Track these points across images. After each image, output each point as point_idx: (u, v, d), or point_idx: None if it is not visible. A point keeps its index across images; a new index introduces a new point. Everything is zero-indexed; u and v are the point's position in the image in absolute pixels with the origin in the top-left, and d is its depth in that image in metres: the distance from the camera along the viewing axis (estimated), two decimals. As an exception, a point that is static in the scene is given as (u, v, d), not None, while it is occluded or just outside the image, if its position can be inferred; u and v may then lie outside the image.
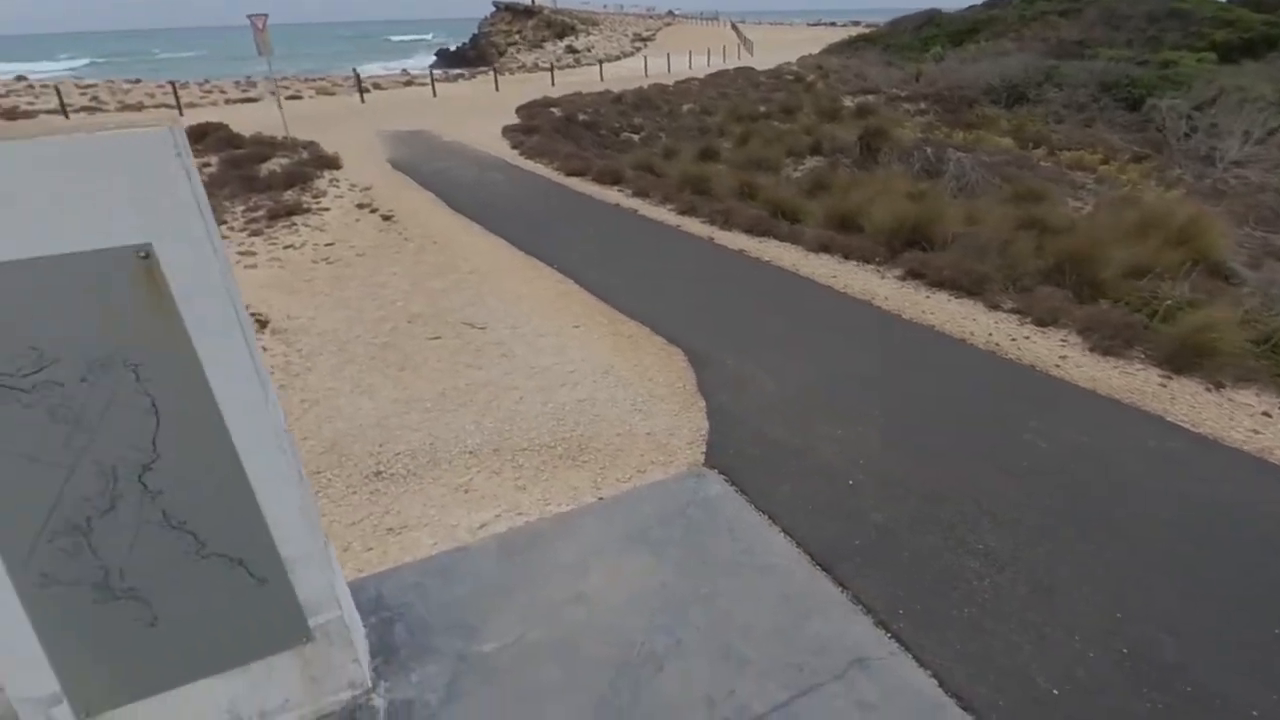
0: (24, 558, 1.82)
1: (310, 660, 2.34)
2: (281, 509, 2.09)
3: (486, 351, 5.58)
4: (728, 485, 3.65)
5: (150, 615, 2.02)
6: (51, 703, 2.02)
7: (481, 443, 4.29)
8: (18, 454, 1.73)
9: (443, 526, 3.55)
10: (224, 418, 1.91)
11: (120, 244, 1.65)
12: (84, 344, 1.70)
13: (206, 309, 1.78)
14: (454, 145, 15.54)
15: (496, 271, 7.45)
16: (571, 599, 2.92)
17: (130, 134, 1.59)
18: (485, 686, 2.54)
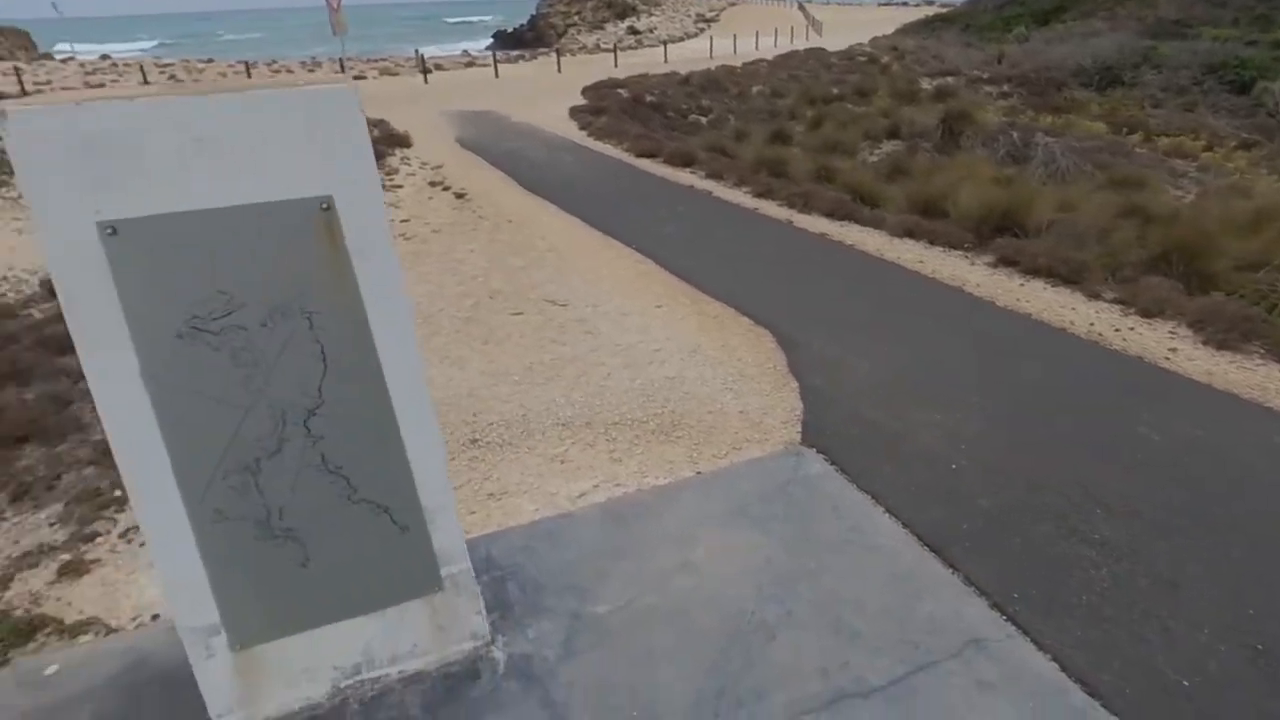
0: (201, 493, 1.99)
1: (439, 609, 2.48)
2: (426, 460, 2.21)
3: (569, 328, 5.70)
4: (828, 465, 3.67)
5: (303, 555, 2.18)
6: (211, 633, 2.19)
7: (573, 415, 4.40)
8: (204, 394, 1.88)
9: (542, 494, 3.67)
10: (382, 369, 2.03)
11: (305, 195, 1.78)
12: (267, 290, 1.84)
13: (374, 262, 1.90)
14: (521, 125, 15.76)
15: (574, 250, 7.58)
16: (679, 568, 3.00)
17: (317, 90, 1.71)
18: (600, 646, 2.64)
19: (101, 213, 1.64)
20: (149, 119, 1.60)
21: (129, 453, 1.87)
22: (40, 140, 1.54)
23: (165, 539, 2.01)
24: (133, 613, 2.98)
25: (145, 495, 1.94)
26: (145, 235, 1.69)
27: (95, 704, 2.52)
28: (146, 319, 1.76)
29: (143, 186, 1.65)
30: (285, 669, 2.32)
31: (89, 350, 1.75)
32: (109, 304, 1.72)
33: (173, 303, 1.77)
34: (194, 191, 1.69)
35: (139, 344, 1.77)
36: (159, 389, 1.83)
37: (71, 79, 28.22)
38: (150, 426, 1.86)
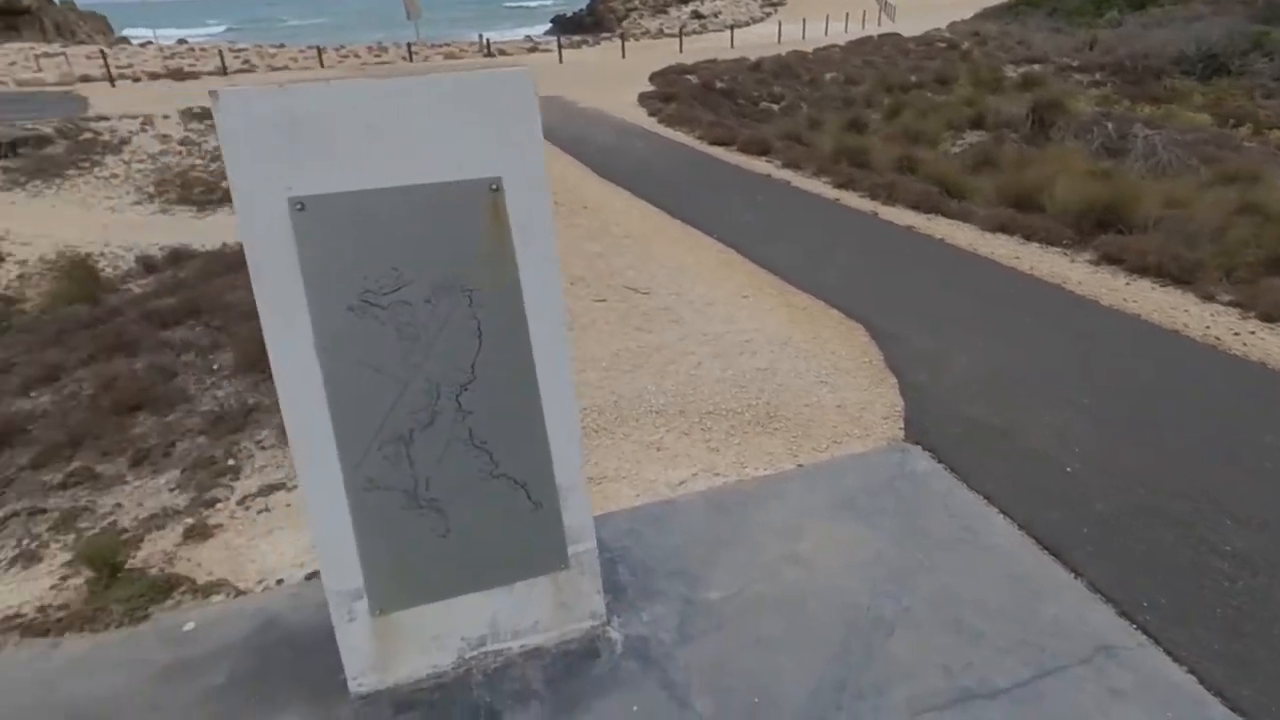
0: (357, 461, 2.11)
1: (563, 586, 2.57)
2: (564, 438, 2.30)
3: (654, 316, 5.76)
4: (935, 462, 3.65)
5: (444, 526, 2.28)
6: (354, 597, 2.32)
7: (665, 404, 4.47)
8: (368, 365, 1.99)
9: (641, 480, 3.75)
10: (532, 348, 2.12)
11: (477, 176, 1.87)
12: (433, 268, 1.94)
13: (535, 243, 1.99)
14: (590, 111, 15.89)
15: (652, 237, 7.64)
16: (788, 559, 3.04)
17: (495, 73, 1.80)
18: (716, 632, 2.70)
19: (293, 189, 1.76)
20: (342, 101, 1.70)
21: (298, 418, 2.00)
22: (248, 120, 1.66)
23: (321, 503, 2.14)
24: (258, 576, 3.16)
25: (308, 459, 2.06)
26: (329, 211, 1.80)
27: (231, 661, 2.69)
28: (323, 291, 1.87)
29: (331, 165, 1.76)
30: (418, 636, 2.44)
31: (270, 318, 1.88)
32: (291, 276, 1.84)
33: (348, 277, 1.88)
34: (375, 171, 1.80)
35: (315, 315, 1.89)
36: (329, 359, 1.95)
37: (152, 63, 29.52)
38: (318, 394, 1.98)
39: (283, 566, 3.21)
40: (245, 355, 5.52)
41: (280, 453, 4.20)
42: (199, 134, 14.23)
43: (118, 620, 2.93)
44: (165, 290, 7.24)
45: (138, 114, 14.80)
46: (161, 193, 11.52)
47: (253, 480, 3.91)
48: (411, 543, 2.27)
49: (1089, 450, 3.77)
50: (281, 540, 3.39)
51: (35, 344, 6.20)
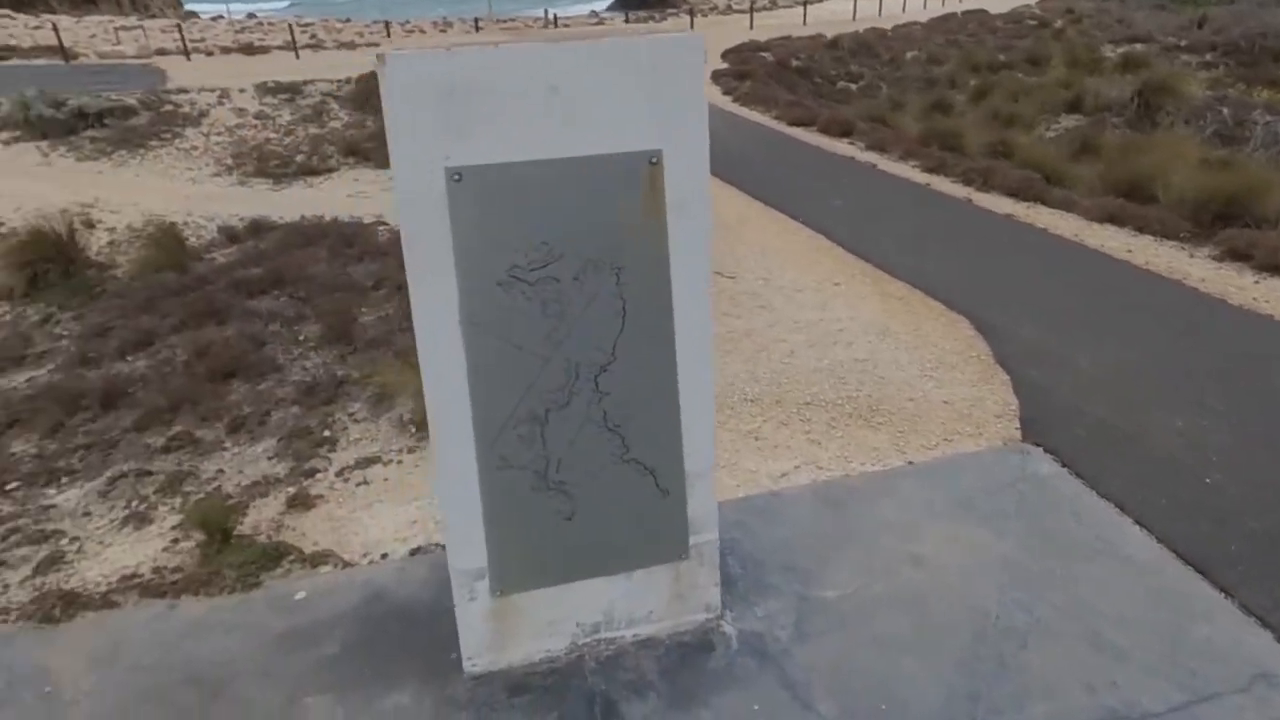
0: (493, 439, 2.10)
1: (681, 577, 2.54)
2: (698, 425, 2.25)
3: (741, 301, 5.68)
4: (1058, 465, 3.50)
5: (570, 509, 2.27)
6: (477, 576, 2.33)
7: (760, 392, 4.39)
8: (510, 342, 1.98)
9: (741, 470, 3.69)
10: (675, 330, 2.08)
11: (637, 149, 1.83)
12: (584, 244, 1.90)
13: (689, 221, 1.93)
14: (662, 89, 15.74)
15: (736, 221, 7.53)
16: (907, 559, 2.95)
17: (664, 38, 1.74)
18: (835, 631, 2.63)
19: (451, 158, 1.74)
20: (508, 66, 1.67)
21: (439, 391, 2.00)
22: (412, 84, 1.64)
23: (453, 479, 2.15)
24: (362, 549, 3.22)
25: (445, 435, 2.07)
26: (485, 183, 1.78)
27: (343, 631, 2.74)
28: (473, 264, 1.86)
29: (490, 135, 1.74)
30: (534, 619, 2.45)
31: (418, 290, 1.87)
32: (442, 249, 1.83)
33: (499, 251, 1.86)
34: (534, 141, 1.77)
35: (463, 289, 1.88)
36: (473, 334, 1.94)
37: (223, 37, 30.44)
38: (460, 369, 1.98)
39: (385, 540, 3.27)
40: (330, 328, 5.65)
41: (373, 426, 4.28)
42: (273, 108, 14.59)
43: (231, 585, 3.02)
44: (249, 260, 7.44)
45: (214, 87, 15.25)
46: (239, 165, 11.84)
47: (349, 453, 3.99)
48: (537, 524, 2.27)
49: (1231, 461, 3.56)
50: (382, 514, 3.45)
51: (129, 309, 6.45)
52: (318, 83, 15.51)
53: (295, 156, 12.06)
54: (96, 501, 3.91)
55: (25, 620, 3.06)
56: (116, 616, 2.97)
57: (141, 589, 3.10)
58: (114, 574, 3.26)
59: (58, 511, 3.91)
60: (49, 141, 12.22)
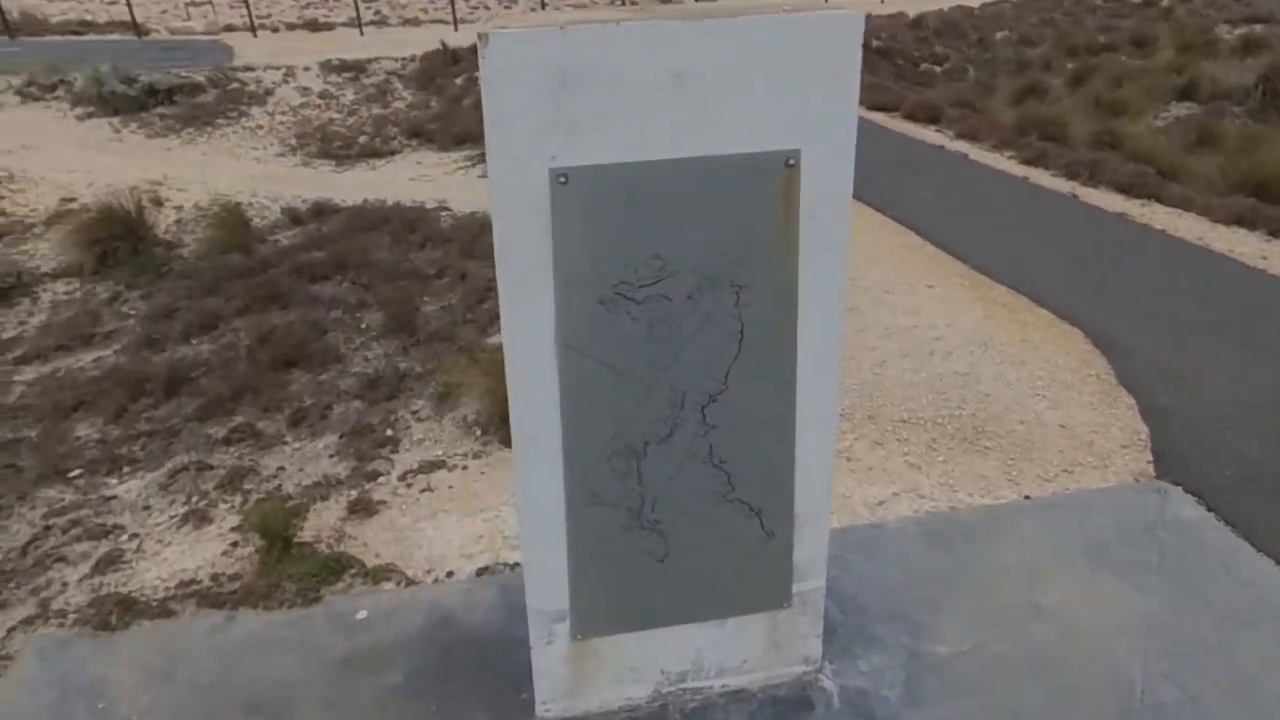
0: (583, 472, 1.90)
1: (779, 626, 2.31)
2: (814, 462, 2.01)
3: (826, 303, 5.37)
4: (1203, 509, 3.15)
5: (663, 551, 2.06)
6: (557, 618, 2.14)
7: (850, 406, 4.12)
8: (611, 366, 1.76)
9: (835, 496, 3.42)
10: (798, 357, 1.84)
11: (771, 148, 1.58)
12: (702, 258, 1.67)
13: (825, 234, 1.69)
14: (733, 70, 15.35)
15: (817, 213, 7.20)
16: (1030, 612, 2.66)
17: (815, 15, 1.49)
18: (953, 696, 2.37)
19: (557, 158, 1.53)
20: (632, 48, 1.45)
21: (527, 418, 1.80)
22: (518, 69, 1.43)
23: (537, 515, 1.96)
24: (426, 565, 3.09)
25: (531, 465, 1.87)
26: (595, 186, 1.57)
27: (407, 660, 2.60)
28: (576, 279, 1.65)
29: (604, 130, 1.52)
30: (615, 665, 2.25)
31: (511, 303, 1.67)
32: (542, 259, 1.62)
33: (606, 264, 1.64)
34: (652, 138, 1.54)
35: (561, 305, 1.67)
36: (569, 356, 1.73)
37: (288, 13, 31.01)
38: (552, 394, 1.78)
39: (451, 556, 3.12)
40: (393, 317, 5.56)
41: (437, 426, 4.15)
42: (337, 87, 14.72)
43: (290, 599, 2.92)
44: (312, 244, 7.44)
45: (280, 65, 15.47)
46: (303, 145, 11.95)
47: (412, 455, 3.87)
48: (626, 566, 2.06)
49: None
50: (447, 525, 3.31)
51: (194, 290, 6.49)
52: (382, 60, 15.59)
53: (358, 138, 12.11)
54: (157, 495, 3.88)
55: (83, 625, 3.02)
56: (174, 627, 2.90)
57: (199, 597, 3.03)
58: (172, 578, 3.20)
59: (118, 503, 3.89)
60: (121, 117, 12.54)
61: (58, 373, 5.53)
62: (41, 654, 2.82)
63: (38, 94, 13.54)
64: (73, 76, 13.42)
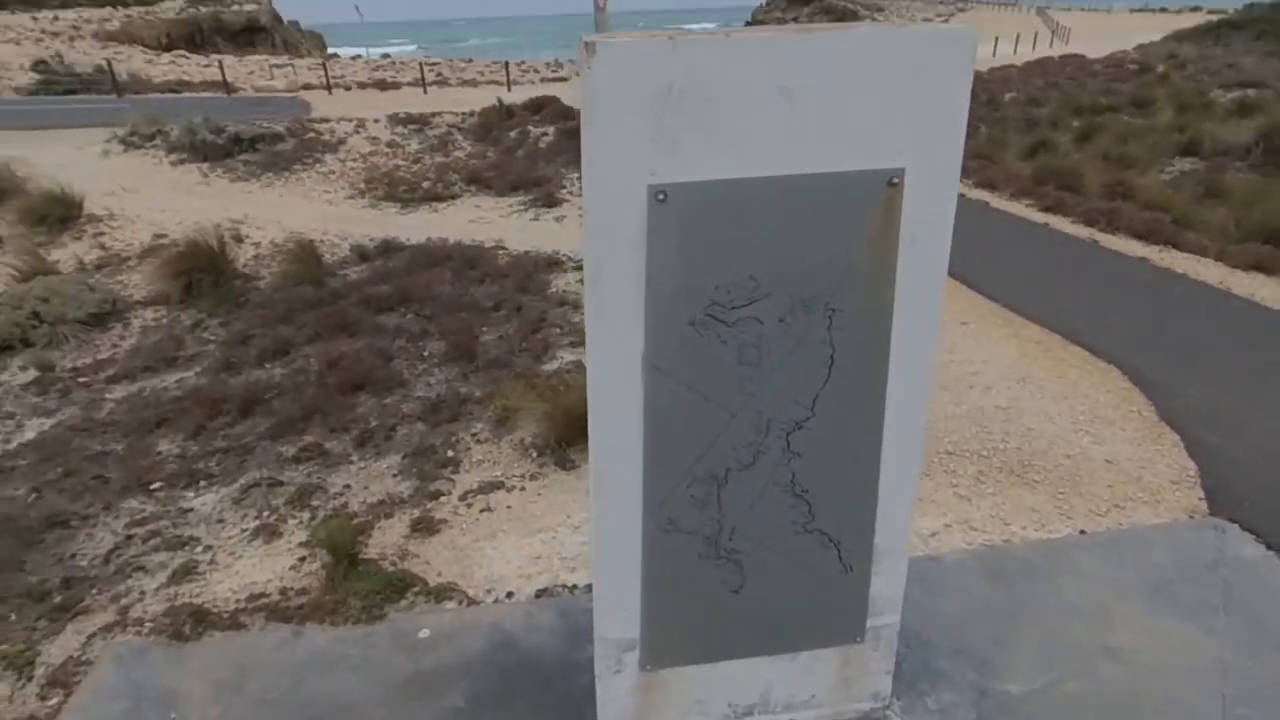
0: (662, 499, 1.70)
1: (850, 661, 2.07)
2: (897, 494, 1.80)
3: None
4: (1264, 547, 2.85)
5: (739, 581, 1.85)
6: (626, 648, 1.93)
7: (894, 438, 3.86)
8: (697, 390, 1.58)
9: (885, 526, 3.18)
10: (888, 385, 1.63)
11: (875, 166, 1.40)
12: (797, 280, 1.49)
13: (924, 258, 1.50)
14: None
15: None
16: (1100, 652, 2.39)
17: (929, 30, 1.32)
18: (1029, 739, 2.11)
19: (657, 174, 1.36)
20: (742, 62, 1.28)
21: (607, 442, 1.62)
22: (624, 81, 1.27)
23: (612, 541, 1.76)
24: (486, 585, 2.89)
25: (608, 490, 1.68)
26: (692, 203, 1.40)
27: (470, 682, 2.40)
28: (667, 299, 1.47)
29: (705, 145, 1.35)
30: (683, 697, 2.03)
31: (599, 324, 1.50)
32: (634, 277, 1.45)
33: (699, 285, 1.47)
34: (757, 155, 1.37)
35: (651, 326, 1.49)
36: (655, 378, 1.55)
37: (360, 74, 31.81)
38: (635, 418, 1.59)
39: (510, 577, 2.92)
40: (454, 346, 5.43)
41: (495, 448, 3.97)
42: (403, 137, 14.89)
43: (355, 616, 2.73)
44: (378, 278, 7.38)
45: (351, 118, 15.73)
46: (370, 189, 12.04)
47: (472, 475, 3.69)
48: (701, 597, 1.85)
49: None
50: (506, 546, 3.11)
51: (269, 319, 6.43)
52: (444, 115, 15.77)
53: (422, 183, 12.18)
54: (230, 509, 3.74)
55: (158, 634, 2.86)
56: (243, 640, 2.72)
57: (268, 611, 2.85)
58: (243, 590, 3.03)
59: (195, 515, 3.75)
60: (209, 164, 12.76)
61: (143, 392, 5.47)
62: (119, 661, 2.66)
63: (138, 143, 13.84)
64: (169, 127, 13.72)
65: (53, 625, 3.13)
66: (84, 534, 3.76)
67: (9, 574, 3.51)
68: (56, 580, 3.40)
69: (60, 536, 3.77)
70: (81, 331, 7.22)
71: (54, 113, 18.05)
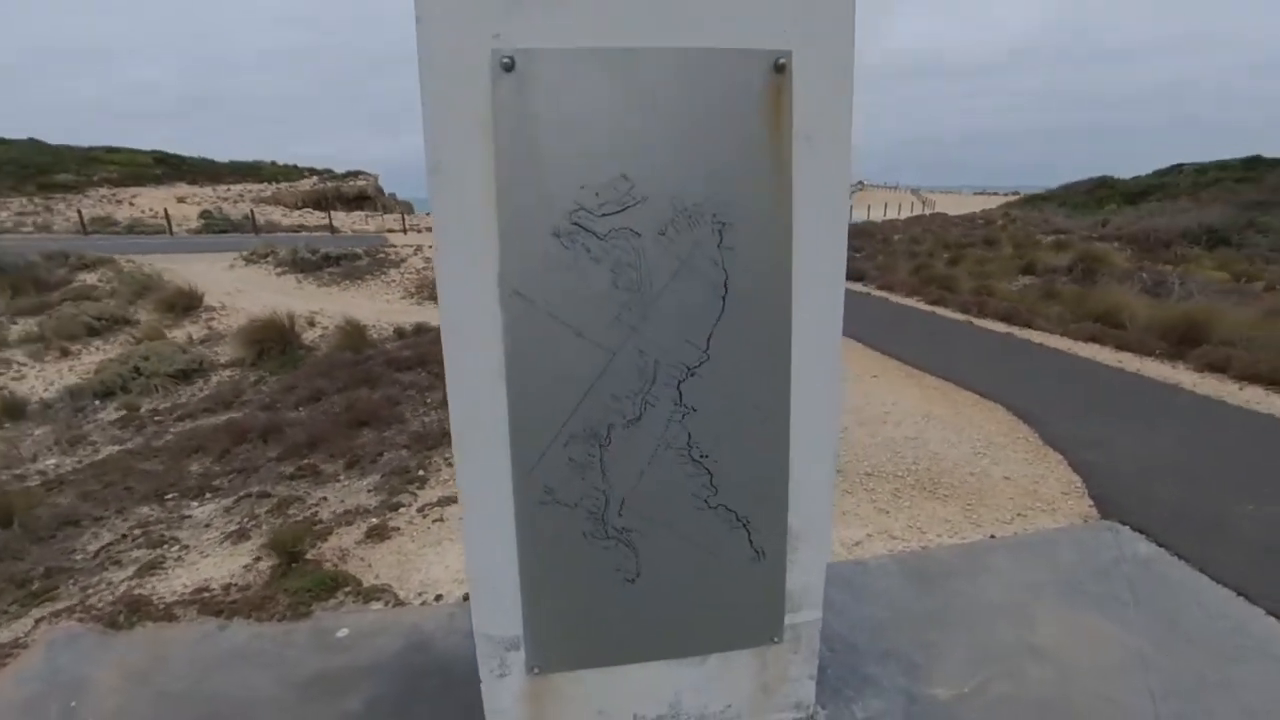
0: (535, 460, 1.07)
1: (768, 665, 1.37)
2: (811, 464, 1.17)
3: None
4: (1154, 545, 2.17)
5: (634, 568, 1.18)
6: (509, 646, 1.23)
7: (815, 460, 3.21)
8: (567, 324, 0.98)
9: (808, 533, 2.48)
10: (793, 320, 1.05)
11: (756, 46, 0.88)
12: (680, 182, 0.93)
13: (823, 161, 0.95)
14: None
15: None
16: (1026, 652, 1.67)
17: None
18: (969, 757, 1.38)
19: (502, 36, 0.84)
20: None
21: (465, 393, 1.01)
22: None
23: (482, 516, 1.11)
24: (419, 588, 2.16)
25: (471, 452, 1.05)
26: (547, 76, 0.86)
27: (374, 683, 1.65)
28: (524, 202, 0.91)
29: (559, 5, 0.83)
30: (581, 707, 1.31)
31: (445, 234, 0.92)
32: (482, 174, 0.89)
33: (559, 182, 0.91)
34: (624, 22, 0.85)
35: (507, 236, 0.92)
36: (515, 307, 0.96)
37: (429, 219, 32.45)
38: (494, 359, 0.99)
39: (444, 581, 2.20)
40: (454, 392, 4.80)
41: (465, 469, 3.27)
42: (452, 259, 14.76)
43: (281, 612, 1.99)
44: (405, 347, 6.83)
45: (412, 245, 15.67)
46: (419, 291, 11.72)
47: (435, 490, 2.99)
48: (590, 585, 1.18)
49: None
50: (448, 553, 2.39)
51: (313, 374, 5.82)
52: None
53: (460, 287, 11.85)
54: (221, 516, 3.01)
55: (95, 622, 2.09)
56: (169, 632, 1.97)
57: (203, 605, 2.11)
58: (193, 585, 2.29)
59: (190, 521, 3.02)
60: (303, 274, 12.49)
61: (199, 427, 4.79)
62: (49, 646, 1.88)
63: (255, 260, 13.65)
64: (279, 249, 13.58)
65: (21, 609, 2.37)
66: (90, 533, 3.01)
67: (7, 562, 2.75)
68: (41, 570, 2.64)
69: (69, 534, 3.03)
70: (169, 384, 6.59)
71: (207, 244, 18.15)
